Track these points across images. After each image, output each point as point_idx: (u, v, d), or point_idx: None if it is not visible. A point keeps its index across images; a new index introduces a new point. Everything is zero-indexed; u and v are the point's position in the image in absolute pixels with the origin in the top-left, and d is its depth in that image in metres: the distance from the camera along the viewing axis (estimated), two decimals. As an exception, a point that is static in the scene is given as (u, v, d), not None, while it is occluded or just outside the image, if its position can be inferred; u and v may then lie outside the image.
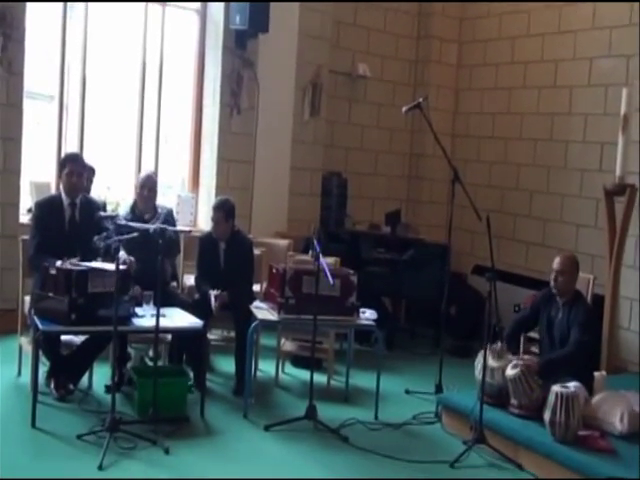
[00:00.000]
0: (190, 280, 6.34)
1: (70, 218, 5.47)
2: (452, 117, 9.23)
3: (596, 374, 5.41)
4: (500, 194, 8.55)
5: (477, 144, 8.92)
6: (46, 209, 5.49)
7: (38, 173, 7.17)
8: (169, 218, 5.87)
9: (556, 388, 4.73)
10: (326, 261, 5.17)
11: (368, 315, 5.66)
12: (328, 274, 5.04)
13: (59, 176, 5.53)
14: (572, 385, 4.79)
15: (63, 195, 5.49)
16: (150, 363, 5.71)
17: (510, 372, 5.04)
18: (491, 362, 5.16)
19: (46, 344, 5.07)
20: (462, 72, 9.19)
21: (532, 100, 8.27)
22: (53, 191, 6.91)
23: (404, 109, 6.19)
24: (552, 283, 5.33)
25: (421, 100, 6.07)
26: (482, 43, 8.93)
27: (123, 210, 6.15)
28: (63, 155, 5.83)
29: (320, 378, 5.91)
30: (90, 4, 7.23)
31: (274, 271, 5.66)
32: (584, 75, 7.71)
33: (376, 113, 9.01)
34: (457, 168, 6.03)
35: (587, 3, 7.62)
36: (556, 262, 5.34)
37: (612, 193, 6.33)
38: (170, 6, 7.81)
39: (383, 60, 9.02)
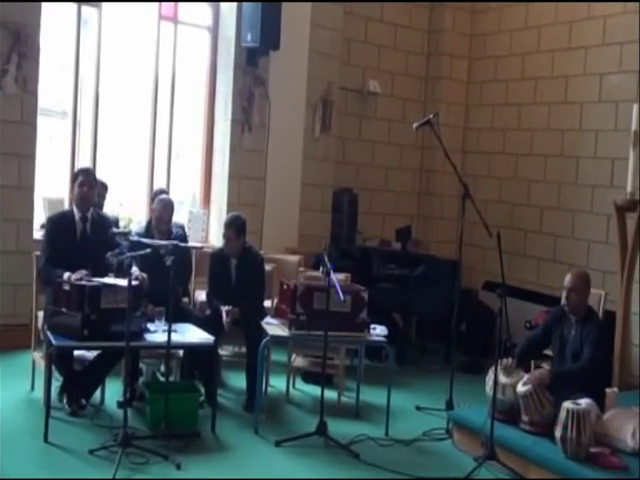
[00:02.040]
0: (202, 296, 6.36)
1: (82, 232, 5.51)
2: (462, 133, 9.26)
3: (608, 391, 5.38)
4: (511, 210, 8.56)
5: (488, 160, 8.94)
6: (58, 223, 5.54)
7: (51, 189, 7.23)
8: (182, 240, 5.92)
9: (567, 405, 4.72)
10: (336, 277, 5.17)
11: (379, 331, 5.68)
12: (339, 290, 5.05)
13: (71, 189, 5.58)
14: (583, 402, 4.78)
15: (75, 209, 5.54)
16: (162, 379, 5.73)
17: (521, 389, 5.03)
18: (502, 378, 5.15)
19: (59, 359, 5.10)
20: (472, 88, 9.23)
21: (543, 116, 8.30)
22: (66, 207, 6.97)
23: (414, 125, 6.22)
24: (564, 301, 5.31)
25: (431, 116, 6.09)
26: (492, 59, 8.97)
27: (137, 227, 6.18)
28: (75, 169, 5.89)
29: (331, 394, 5.93)
30: (103, 22, 7.31)
31: (285, 287, 5.69)
32: (595, 91, 7.73)
33: (386, 129, 9.05)
34: (468, 184, 6.05)
35: (597, 20, 7.65)
36: (567, 280, 5.32)
37: (623, 209, 6.33)
38: (182, 23, 7.88)
39: (393, 77, 9.08)
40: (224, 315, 5.75)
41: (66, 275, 5.08)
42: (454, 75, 9.21)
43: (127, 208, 7.81)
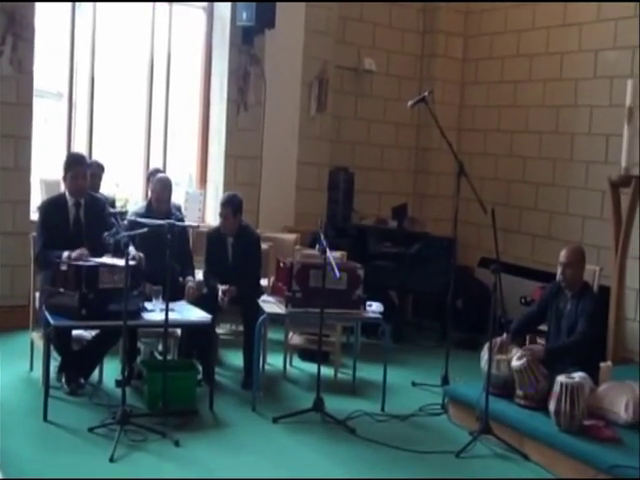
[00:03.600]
0: (199, 275, 6.39)
1: (75, 218, 5.49)
2: (458, 111, 9.25)
3: (602, 365, 5.44)
4: (506, 187, 8.58)
5: (483, 137, 8.95)
6: (51, 209, 5.53)
7: (48, 171, 7.24)
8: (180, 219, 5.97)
9: (561, 378, 4.76)
10: (332, 255, 5.21)
11: (375, 308, 5.71)
12: (335, 267, 5.08)
13: (64, 178, 5.53)
14: (577, 375, 4.82)
15: (67, 195, 5.52)
16: (160, 357, 5.78)
17: (516, 363, 5.08)
18: (497, 354, 5.20)
19: (57, 339, 5.14)
20: (468, 66, 9.21)
21: (538, 93, 8.29)
22: (62, 188, 6.98)
23: (409, 103, 6.22)
24: (560, 276, 5.34)
25: (426, 94, 6.09)
26: (487, 36, 8.95)
27: (137, 207, 6.21)
28: (66, 157, 5.79)
29: (327, 371, 5.98)
30: (98, 2, 7.29)
31: (281, 265, 5.72)
32: (589, 67, 7.72)
33: (382, 108, 9.04)
34: (463, 161, 6.06)
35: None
36: (562, 255, 5.35)
37: (617, 185, 6.35)
38: (177, 4, 7.86)
39: (389, 55, 9.05)
40: (221, 294, 5.79)
41: (65, 254, 5.09)
42: (449, 53, 9.19)
43: (123, 189, 7.83)
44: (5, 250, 6.62)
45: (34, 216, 6.75)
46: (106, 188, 7.04)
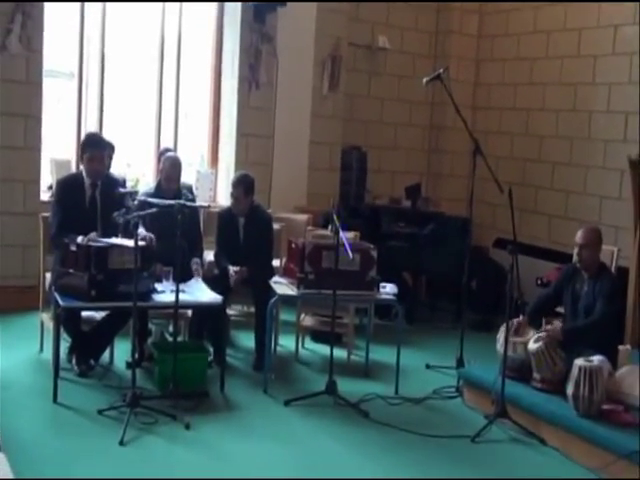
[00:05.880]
0: (209, 256, 6.32)
1: (91, 198, 5.43)
2: (473, 88, 9.11)
3: (621, 348, 5.33)
4: (522, 166, 8.45)
5: (499, 115, 8.81)
6: (67, 187, 5.47)
7: (58, 150, 7.18)
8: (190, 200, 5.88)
9: (579, 362, 4.67)
10: (345, 235, 5.13)
11: (388, 289, 5.63)
12: (348, 248, 5.01)
13: (80, 158, 5.50)
14: (596, 359, 4.73)
15: (85, 175, 5.45)
16: (170, 339, 5.72)
17: (532, 346, 5.00)
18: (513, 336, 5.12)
19: (67, 320, 5.10)
20: (483, 43, 9.06)
21: (555, 70, 8.14)
22: (73, 168, 6.94)
23: (425, 80, 6.12)
24: (576, 258, 5.24)
25: (441, 71, 5.99)
26: (503, 13, 8.79)
27: (147, 187, 6.15)
28: (83, 137, 5.74)
29: (340, 353, 5.91)
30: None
31: (293, 246, 5.64)
32: (608, 43, 7.56)
33: (396, 86, 8.92)
34: (478, 140, 5.96)
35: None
36: (579, 236, 5.23)
37: (637, 164, 6.22)
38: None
39: (403, 32, 8.92)
40: (231, 274, 5.72)
41: (79, 239, 5.02)
42: (464, 29, 9.04)
43: (134, 169, 7.76)
44: (15, 230, 6.58)
45: (44, 196, 6.74)
46: (117, 168, 6.96)
